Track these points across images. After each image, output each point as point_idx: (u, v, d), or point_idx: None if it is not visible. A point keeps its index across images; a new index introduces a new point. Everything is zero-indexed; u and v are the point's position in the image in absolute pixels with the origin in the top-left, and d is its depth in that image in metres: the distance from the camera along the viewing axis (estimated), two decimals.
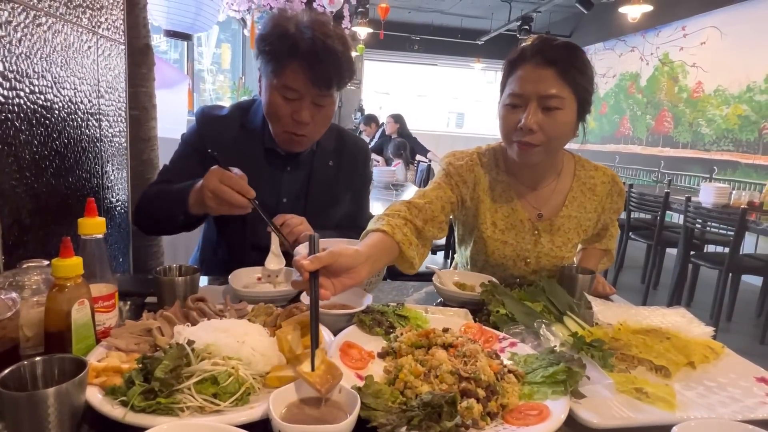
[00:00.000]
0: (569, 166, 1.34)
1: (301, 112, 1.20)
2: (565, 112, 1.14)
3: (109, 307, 0.83)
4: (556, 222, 1.29)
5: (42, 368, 0.63)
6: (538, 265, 1.30)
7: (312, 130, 1.25)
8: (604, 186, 1.33)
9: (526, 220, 1.29)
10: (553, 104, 1.12)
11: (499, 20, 8.57)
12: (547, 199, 1.30)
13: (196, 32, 2.85)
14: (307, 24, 1.17)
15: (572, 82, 1.13)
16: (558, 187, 1.31)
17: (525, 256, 1.30)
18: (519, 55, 1.17)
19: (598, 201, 1.33)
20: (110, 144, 1.47)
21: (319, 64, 1.16)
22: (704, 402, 0.77)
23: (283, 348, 0.76)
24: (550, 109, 1.12)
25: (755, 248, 4.45)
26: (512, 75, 1.17)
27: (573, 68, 1.13)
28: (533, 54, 1.14)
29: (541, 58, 1.12)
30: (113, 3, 1.43)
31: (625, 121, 7.31)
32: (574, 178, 1.32)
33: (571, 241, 1.31)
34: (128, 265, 1.65)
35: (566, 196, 1.31)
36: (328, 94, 1.22)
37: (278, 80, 1.19)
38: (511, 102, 1.16)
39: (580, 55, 1.16)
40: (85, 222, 0.81)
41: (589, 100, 1.19)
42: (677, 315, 1.09)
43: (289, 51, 1.16)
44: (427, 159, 5.98)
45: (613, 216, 1.39)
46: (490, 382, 0.70)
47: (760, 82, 5.10)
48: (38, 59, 1.07)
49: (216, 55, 6.89)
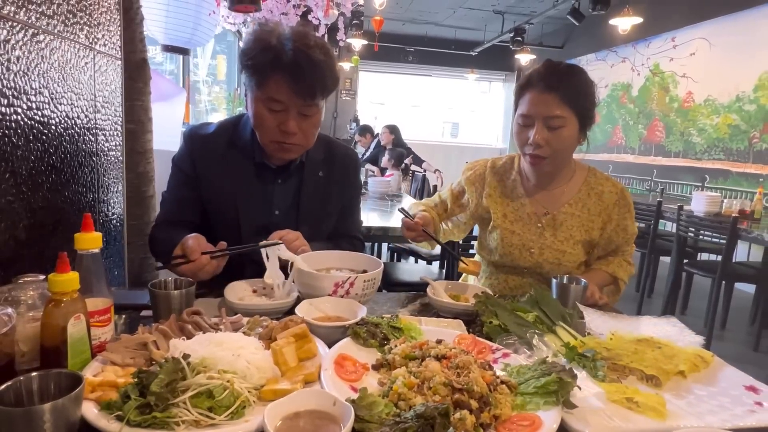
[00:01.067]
0: (581, 174, 1.48)
1: (288, 122, 1.22)
2: (567, 128, 1.32)
3: (105, 321, 0.83)
4: (558, 217, 1.43)
5: (38, 383, 0.63)
6: (542, 256, 1.43)
7: (301, 139, 1.26)
8: (611, 195, 1.44)
9: (533, 215, 1.46)
10: (556, 124, 1.30)
11: (492, 32, 8.67)
12: (555, 200, 1.46)
13: (194, 47, 2.88)
14: (289, 36, 1.19)
15: (573, 103, 1.30)
16: (567, 190, 1.46)
17: (530, 246, 1.44)
18: (527, 81, 1.36)
19: (603, 207, 1.43)
20: (106, 158, 1.48)
21: (302, 75, 1.18)
22: (694, 411, 0.78)
23: (278, 361, 0.77)
24: (554, 128, 1.31)
25: (747, 256, 4.49)
26: (522, 98, 1.37)
27: (573, 92, 1.31)
28: (538, 81, 1.32)
29: (544, 84, 1.31)
30: (110, 19, 1.45)
31: (617, 130, 7.39)
32: (584, 183, 1.46)
33: (573, 238, 1.42)
34: (123, 278, 1.65)
35: (573, 197, 1.44)
36: (314, 103, 1.23)
37: (263, 93, 1.21)
38: (522, 122, 1.36)
39: (582, 78, 1.34)
40: (81, 237, 0.82)
41: (590, 115, 1.36)
42: (668, 324, 1.10)
43: (272, 64, 1.17)
44: (422, 169, 6.00)
45: (622, 234, 1.43)
46: (482, 393, 0.71)
47: (748, 92, 5.18)
48: (36, 76, 1.08)
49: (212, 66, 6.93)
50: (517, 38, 7.44)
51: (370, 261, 1.21)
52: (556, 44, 8.92)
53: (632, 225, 1.46)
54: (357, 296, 1.07)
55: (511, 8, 7.92)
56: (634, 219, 1.47)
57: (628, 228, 1.45)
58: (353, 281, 1.05)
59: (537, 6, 7.52)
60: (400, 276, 2.77)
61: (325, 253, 1.23)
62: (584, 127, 1.35)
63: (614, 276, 1.45)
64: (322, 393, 0.70)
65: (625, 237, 1.45)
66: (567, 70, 1.33)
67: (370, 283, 1.09)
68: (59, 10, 1.16)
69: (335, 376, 0.77)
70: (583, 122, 1.34)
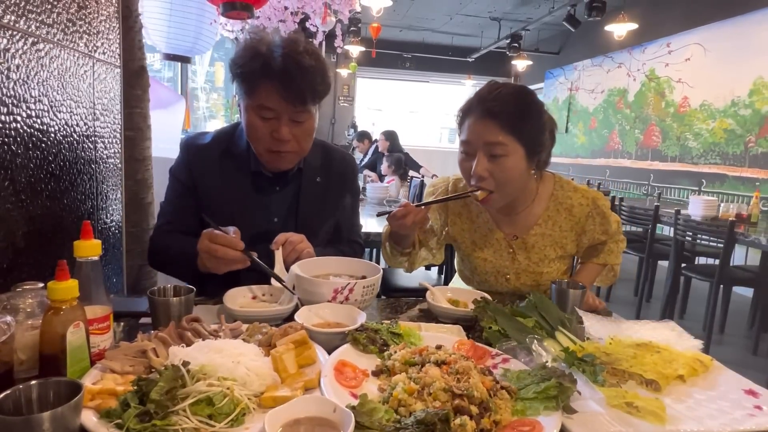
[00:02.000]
0: (547, 188, 1.38)
1: (280, 129, 1.21)
2: (510, 158, 1.21)
3: (104, 329, 0.83)
4: (528, 240, 1.36)
5: (37, 392, 0.63)
6: (518, 281, 1.36)
7: (295, 146, 1.26)
8: (582, 208, 1.36)
9: (502, 240, 1.38)
10: (498, 152, 1.20)
11: (488, 38, 8.74)
12: (522, 223, 1.37)
13: (195, 55, 2.89)
14: (278, 43, 1.19)
15: (515, 130, 1.19)
16: (533, 210, 1.37)
17: (505, 272, 1.37)
18: (468, 105, 1.26)
19: (575, 221, 1.36)
20: (105, 165, 1.48)
21: (292, 82, 1.17)
22: (693, 415, 0.78)
23: (278, 368, 0.77)
24: (496, 156, 1.20)
25: (745, 260, 4.50)
26: (463, 124, 1.27)
27: (515, 117, 1.19)
28: (477, 104, 1.22)
29: (482, 109, 1.21)
30: (109, 28, 1.46)
31: (614, 135, 7.43)
32: (551, 198, 1.37)
33: (547, 257, 1.36)
34: (122, 285, 1.65)
35: (540, 216, 1.36)
36: (305, 109, 1.22)
37: (254, 101, 1.21)
38: (464, 149, 1.26)
39: (524, 104, 1.22)
40: (80, 244, 0.82)
41: (538, 142, 1.24)
42: (667, 328, 1.10)
43: (262, 71, 1.17)
44: (420, 175, 6.02)
45: (603, 235, 1.40)
46: (482, 399, 0.71)
47: (743, 97, 5.22)
48: (35, 84, 1.08)
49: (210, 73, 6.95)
50: (513, 44, 7.50)
51: (369, 267, 1.21)
52: (553, 50, 8.99)
53: (609, 223, 1.37)
54: (356, 302, 1.07)
55: (508, 15, 7.98)
56: (611, 214, 1.38)
57: (607, 227, 1.38)
58: (352, 287, 1.05)
59: (533, 12, 7.58)
60: (399, 282, 2.77)
61: (324, 259, 1.23)
62: (533, 155, 1.24)
63: (606, 264, 1.45)
64: (322, 400, 0.70)
65: (606, 233, 1.39)
66: (510, 93, 1.21)
67: (369, 289, 1.09)
68: (59, 19, 1.17)
69: (335, 383, 0.77)
70: (531, 150, 1.22)
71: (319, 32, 3.50)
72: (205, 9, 2.57)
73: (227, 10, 1.82)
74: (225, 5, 1.81)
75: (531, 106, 1.22)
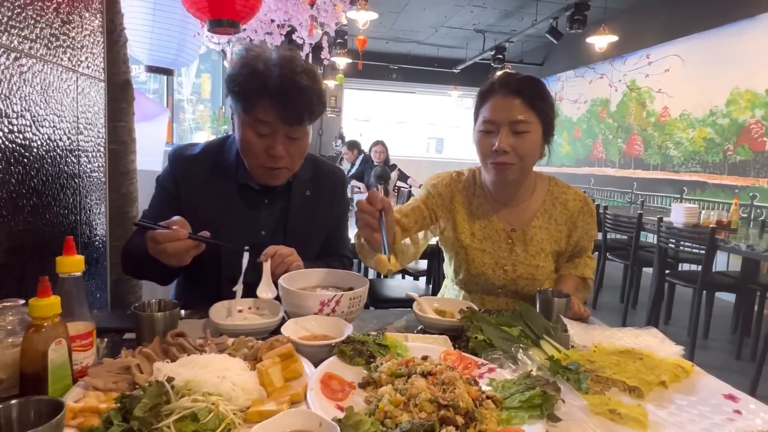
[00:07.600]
0: (543, 186, 1.47)
1: (275, 146, 1.22)
2: (532, 134, 1.31)
3: (87, 345, 0.82)
4: (528, 232, 1.42)
5: (17, 411, 0.62)
6: (515, 273, 1.41)
7: (288, 162, 1.27)
8: (575, 203, 1.45)
9: (501, 231, 1.43)
10: (522, 128, 1.29)
11: (473, 50, 8.87)
12: (520, 215, 1.44)
13: (179, 67, 2.88)
14: (276, 62, 1.20)
15: (536, 108, 1.30)
16: (531, 204, 1.45)
17: (503, 264, 1.42)
18: (489, 87, 1.35)
19: (569, 215, 1.44)
20: (89, 179, 1.47)
21: (289, 102, 1.18)
22: (675, 420, 0.80)
23: (264, 382, 0.77)
24: (519, 133, 1.29)
25: (727, 266, 4.59)
26: (484, 105, 1.35)
27: (536, 97, 1.30)
28: (501, 86, 1.32)
29: (508, 89, 1.30)
30: (93, 42, 1.46)
31: (598, 144, 7.56)
32: (547, 194, 1.46)
33: (544, 251, 1.42)
34: (106, 300, 1.62)
35: (538, 209, 1.44)
36: (301, 127, 1.24)
37: (249, 116, 1.21)
38: (485, 128, 1.33)
39: (541, 86, 1.34)
40: (63, 260, 0.81)
41: (551, 124, 1.36)
42: (649, 335, 1.12)
43: (259, 90, 1.18)
44: (407, 185, 6.05)
45: (586, 238, 1.47)
46: (468, 409, 0.72)
47: (721, 107, 5.36)
48: (18, 99, 1.08)
49: (196, 85, 6.94)
50: (498, 56, 7.64)
51: (356, 278, 1.21)
52: (536, 61, 9.15)
53: (594, 229, 1.49)
54: (343, 314, 1.07)
55: (492, 27, 8.12)
56: (595, 219, 1.50)
57: (591, 231, 1.48)
58: (339, 299, 1.06)
59: (516, 25, 7.73)
60: (386, 292, 2.77)
61: (311, 270, 1.23)
62: (547, 135, 1.34)
63: (583, 277, 1.50)
64: (308, 413, 0.70)
65: (589, 240, 1.49)
66: (528, 78, 1.33)
67: (356, 301, 1.09)
68: (42, 34, 1.17)
69: (321, 396, 0.77)
70: (546, 130, 1.33)
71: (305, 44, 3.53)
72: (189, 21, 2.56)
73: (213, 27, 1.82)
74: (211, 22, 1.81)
75: (545, 90, 1.35)
